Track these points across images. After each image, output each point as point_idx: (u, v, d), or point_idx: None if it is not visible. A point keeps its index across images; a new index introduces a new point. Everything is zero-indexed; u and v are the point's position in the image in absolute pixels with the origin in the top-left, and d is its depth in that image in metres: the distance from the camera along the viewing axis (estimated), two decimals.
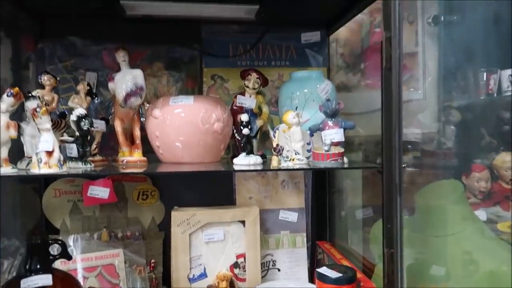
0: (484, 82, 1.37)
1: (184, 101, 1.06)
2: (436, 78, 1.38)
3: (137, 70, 1.06)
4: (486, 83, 1.37)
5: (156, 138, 1.07)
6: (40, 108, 0.85)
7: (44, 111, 0.85)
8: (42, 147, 0.85)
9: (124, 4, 1.01)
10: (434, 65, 1.45)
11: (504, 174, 1.43)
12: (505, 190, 1.44)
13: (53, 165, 0.86)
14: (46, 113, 0.86)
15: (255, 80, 1.18)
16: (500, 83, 1.37)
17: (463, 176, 1.43)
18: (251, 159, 1.02)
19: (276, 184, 1.35)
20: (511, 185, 1.42)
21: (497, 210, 1.36)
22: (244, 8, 1.06)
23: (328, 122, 1.02)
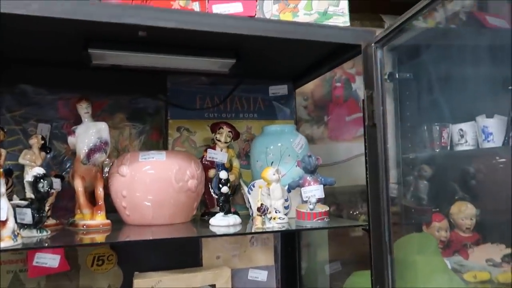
0: (437, 135, 1.45)
1: (156, 157, 0.98)
2: (393, 131, 1.44)
3: (102, 123, 0.98)
4: (440, 136, 1.45)
5: (122, 198, 0.97)
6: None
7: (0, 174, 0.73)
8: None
9: (92, 53, 0.93)
10: (391, 120, 1.51)
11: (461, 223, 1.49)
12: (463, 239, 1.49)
13: (5, 238, 0.72)
14: (1, 176, 0.73)
15: (227, 134, 1.14)
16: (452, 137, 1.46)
17: (423, 226, 1.47)
18: (230, 219, 0.95)
19: (244, 242, 1.28)
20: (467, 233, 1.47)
21: (459, 260, 1.40)
22: (219, 62, 1.04)
23: (307, 178, 1.00)
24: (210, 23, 0.83)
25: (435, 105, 1.47)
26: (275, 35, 0.87)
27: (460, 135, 1.47)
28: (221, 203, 0.96)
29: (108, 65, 1.01)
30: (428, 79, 1.42)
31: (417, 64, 1.46)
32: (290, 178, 1.08)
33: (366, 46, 0.91)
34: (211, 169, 1.13)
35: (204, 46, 0.99)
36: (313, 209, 0.90)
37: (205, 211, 1.14)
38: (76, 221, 0.97)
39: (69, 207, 1.09)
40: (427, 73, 1.41)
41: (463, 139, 1.45)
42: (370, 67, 0.89)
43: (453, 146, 1.48)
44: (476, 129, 1.37)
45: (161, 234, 0.93)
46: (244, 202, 1.20)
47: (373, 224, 0.87)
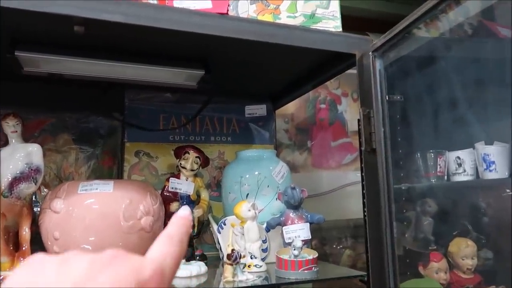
0: (433, 164, 1.30)
1: (100, 187, 0.78)
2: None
3: (33, 145, 0.77)
4: (435, 165, 1.30)
5: (54, 240, 0.75)
6: None
7: None
8: None
9: (21, 56, 0.74)
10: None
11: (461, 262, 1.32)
12: (464, 281, 1.32)
13: None
14: None
15: (194, 160, 0.95)
16: (448, 165, 1.31)
17: (420, 267, 1.29)
18: (194, 268, 0.75)
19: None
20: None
21: None
22: (185, 73, 0.86)
23: (290, 215, 0.82)
24: (170, 19, 0.65)
25: (429, 129, 1.32)
26: (251, 38, 0.70)
27: (458, 164, 1.32)
28: None
29: (43, 73, 0.81)
30: (422, 99, 1.28)
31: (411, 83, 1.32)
32: (269, 214, 0.89)
33: (362, 56, 0.75)
34: (174, 202, 0.93)
35: (165, 52, 0.82)
36: (298, 256, 0.71)
37: None
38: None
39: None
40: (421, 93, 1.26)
41: (460, 168, 1.30)
42: (367, 80, 0.73)
43: (450, 175, 1.34)
44: (475, 157, 1.23)
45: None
46: (213, 241, 1.00)
47: (374, 273, 0.68)
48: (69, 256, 0.25)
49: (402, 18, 0.69)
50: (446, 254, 1.33)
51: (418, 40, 0.73)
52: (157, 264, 0.27)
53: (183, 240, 0.29)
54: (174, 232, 0.29)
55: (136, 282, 0.25)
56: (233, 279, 0.68)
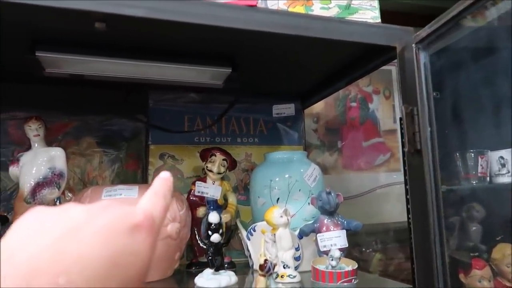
0: (473, 164, 1.21)
1: (125, 193, 0.74)
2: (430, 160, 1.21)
3: (56, 149, 0.75)
4: (476, 165, 1.21)
5: None
6: None
7: None
8: None
9: (42, 57, 0.71)
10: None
11: (505, 270, 1.23)
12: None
13: None
14: None
15: (221, 163, 0.91)
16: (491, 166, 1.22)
17: (460, 274, 1.21)
18: (223, 278, 0.70)
19: None
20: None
21: None
22: (211, 72, 0.81)
23: (325, 221, 0.76)
24: (196, 13, 0.61)
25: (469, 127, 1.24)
26: (283, 31, 0.65)
27: (501, 164, 1.23)
28: (210, 256, 0.71)
29: (65, 74, 0.78)
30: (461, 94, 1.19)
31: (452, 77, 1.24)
32: (301, 220, 0.84)
33: (403, 48, 0.69)
34: (200, 207, 0.89)
35: (190, 50, 0.77)
36: (336, 267, 0.66)
37: (192, 260, 0.89)
38: None
39: None
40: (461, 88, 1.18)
41: (504, 169, 1.21)
42: (409, 74, 0.67)
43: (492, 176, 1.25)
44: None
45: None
46: (242, 247, 0.95)
47: (420, 285, 0.62)
48: (67, 206, 0.27)
49: (444, 11, 0.63)
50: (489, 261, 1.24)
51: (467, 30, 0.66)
52: (147, 211, 0.30)
53: (166, 196, 0.32)
54: (158, 188, 0.32)
55: (129, 224, 0.27)
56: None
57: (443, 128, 1.15)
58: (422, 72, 0.65)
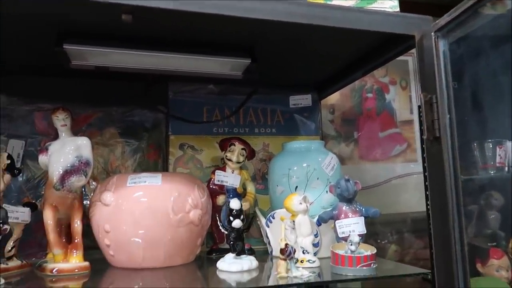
0: (491, 154, 1.21)
1: (149, 180, 0.77)
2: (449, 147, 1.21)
3: (82, 138, 0.77)
4: (494, 155, 1.21)
5: (105, 233, 0.75)
6: None
7: None
8: None
9: (69, 50, 0.74)
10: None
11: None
12: None
13: None
14: None
15: (240, 152, 0.93)
16: (509, 156, 1.21)
17: (478, 264, 1.21)
18: (244, 263, 0.72)
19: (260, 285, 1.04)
20: None
21: None
22: (231, 63, 0.83)
23: (344, 208, 0.77)
24: (217, 4, 0.62)
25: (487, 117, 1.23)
26: (303, 21, 0.66)
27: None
28: (232, 241, 0.73)
29: (90, 67, 0.81)
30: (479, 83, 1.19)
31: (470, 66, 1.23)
32: (319, 208, 0.85)
33: (422, 37, 0.69)
34: (220, 195, 0.91)
35: (211, 41, 0.79)
36: (355, 251, 0.67)
37: (213, 247, 0.92)
38: (46, 264, 0.75)
39: (44, 243, 0.87)
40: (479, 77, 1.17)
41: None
42: (428, 63, 0.68)
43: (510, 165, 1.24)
44: None
45: (154, 282, 0.70)
46: (260, 235, 0.97)
47: (439, 271, 0.63)
48: None
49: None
50: (506, 251, 1.23)
51: (486, 18, 0.67)
52: None
53: None
54: None
55: None
56: (287, 275, 0.65)
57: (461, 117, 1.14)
58: (441, 60, 0.66)
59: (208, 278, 0.74)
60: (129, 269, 0.76)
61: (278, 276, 0.65)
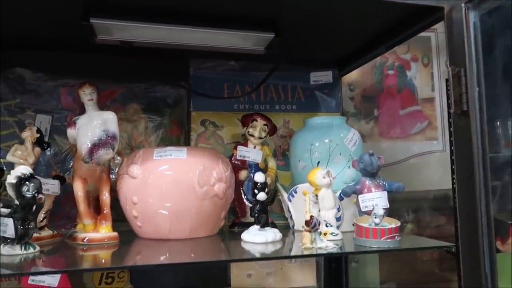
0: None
1: (174, 154, 0.78)
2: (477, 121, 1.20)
3: (109, 113, 0.78)
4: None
5: (132, 205, 0.77)
6: None
7: None
8: None
9: (95, 24, 0.74)
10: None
11: None
12: None
13: None
14: None
15: (262, 128, 0.93)
16: None
17: (497, 242, 1.21)
18: (269, 234, 0.74)
19: None
20: None
21: None
22: (255, 37, 0.83)
23: (367, 182, 0.78)
24: None
25: None
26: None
27: None
28: (256, 214, 0.75)
29: (116, 41, 0.82)
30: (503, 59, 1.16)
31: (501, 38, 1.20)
32: (341, 183, 0.86)
33: (451, 9, 0.68)
34: (242, 170, 0.92)
35: (235, 15, 0.79)
36: (379, 224, 0.68)
37: (234, 221, 0.93)
38: (76, 234, 0.78)
39: (72, 215, 0.91)
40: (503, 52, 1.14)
41: None
42: (457, 35, 0.67)
43: None
44: None
45: (180, 253, 0.73)
46: (281, 210, 0.99)
47: (464, 245, 0.64)
48: None
49: None
50: None
51: None
52: None
53: None
54: None
55: None
56: (311, 246, 0.66)
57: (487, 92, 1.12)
58: (471, 32, 0.65)
59: (233, 249, 0.76)
60: (156, 240, 0.78)
61: (304, 247, 0.67)
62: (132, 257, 0.74)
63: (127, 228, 0.83)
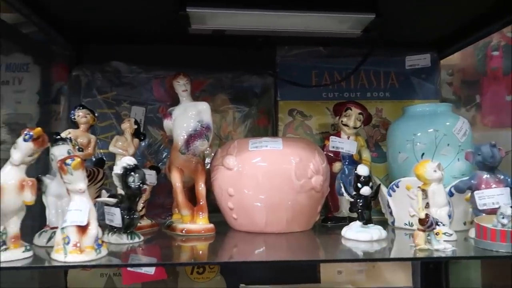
0: None
1: (270, 145, 0.75)
2: None
3: (203, 103, 0.78)
4: None
5: (228, 197, 0.76)
6: (72, 160, 0.55)
7: (78, 164, 0.55)
8: (71, 219, 0.55)
9: (191, 13, 0.73)
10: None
11: None
12: None
13: (86, 248, 0.55)
14: (81, 167, 0.56)
15: (357, 117, 0.88)
16: None
17: None
18: (374, 232, 0.69)
19: None
20: None
21: None
22: (353, 19, 0.77)
23: (484, 177, 0.69)
24: None
25: None
26: None
27: None
28: (359, 209, 0.70)
29: (208, 30, 0.81)
30: None
31: None
32: (449, 177, 0.78)
33: None
34: (336, 162, 0.87)
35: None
36: (506, 225, 0.60)
37: (328, 215, 0.89)
38: (174, 224, 0.78)
39: (166, 205, 0.93)
40: None
41: None
42: None
43: None
44: None
45: (277, 248, 0.70)
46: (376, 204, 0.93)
47: None
48: None
49: None
50: None
51: None
52: None
53: None
54: None
55: None
56: (427, 247, 0.60)
57: None
58: None
59: (332, 246, 0.72)
60: (251, 233, 0.77)
61: (417, 248, 0.60)
62: (229, 251, 0.73)
63: (219, 220, 0.82)
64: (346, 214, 0.87)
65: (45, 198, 0.68)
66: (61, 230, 0.55)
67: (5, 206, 0.54)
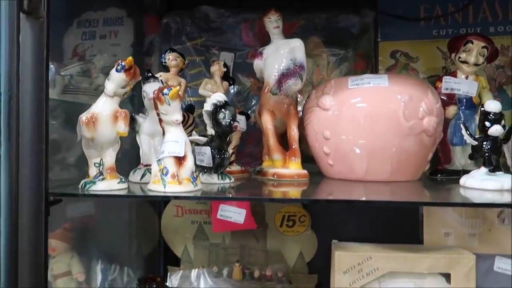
0: None
1: (373, 82, 0.66)
2: None
3: (296, 40, 0.71)
4: None
5: (324, 140, 0.69)
6: (170, 90, 0.53)
7: (175, 93, 0.53)
8: (169, 150, 0.53)
9: None
10: None
11: None
12: None
13: (184, 180, 0.53)
14: (178, 97, 0.54)
15: (480, 51, 0.74)
16: None
17: None
18: (503, 180, 0.57)
19: (490, 216, 0.87)
20: None
21: None
22: None
23: None
24: None
25: None
26: None
27: None
28: (486, 153, 0.58)
29: None
30: None
31: None
32: None
33: None
34: (451, 105, 0.75)
35: None
36: None
37: (438, 167, 0.78)
38: (265, 169, 0.74)
39: (255, 154, 0.90)
40: None
41: None
42: None
43: None
44: None
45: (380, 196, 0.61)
46: None
47: None
48: None
49: None
50: None
51: None
52: None
53: None
54: None
55: None
56: None
57: None
58: None
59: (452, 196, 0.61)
60: (348, 181, 0.69)
61: None
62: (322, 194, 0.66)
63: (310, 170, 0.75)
64: (460, 167, 0.75)
65: (138, 137, 0.68)
66: (158, 162, 0.54)
67: (101, 136, 0.54)
